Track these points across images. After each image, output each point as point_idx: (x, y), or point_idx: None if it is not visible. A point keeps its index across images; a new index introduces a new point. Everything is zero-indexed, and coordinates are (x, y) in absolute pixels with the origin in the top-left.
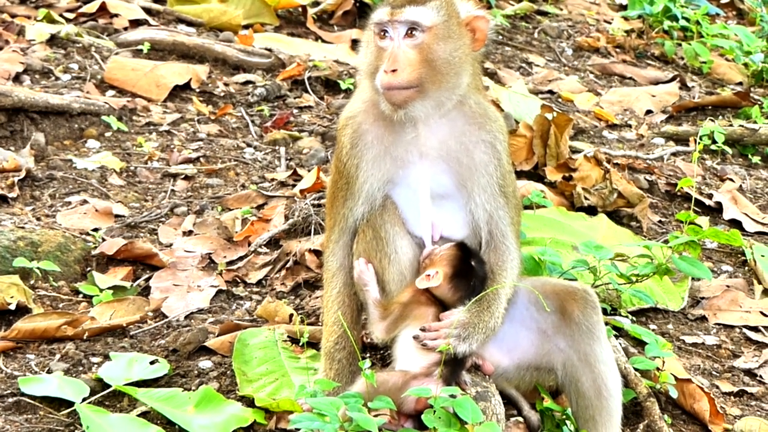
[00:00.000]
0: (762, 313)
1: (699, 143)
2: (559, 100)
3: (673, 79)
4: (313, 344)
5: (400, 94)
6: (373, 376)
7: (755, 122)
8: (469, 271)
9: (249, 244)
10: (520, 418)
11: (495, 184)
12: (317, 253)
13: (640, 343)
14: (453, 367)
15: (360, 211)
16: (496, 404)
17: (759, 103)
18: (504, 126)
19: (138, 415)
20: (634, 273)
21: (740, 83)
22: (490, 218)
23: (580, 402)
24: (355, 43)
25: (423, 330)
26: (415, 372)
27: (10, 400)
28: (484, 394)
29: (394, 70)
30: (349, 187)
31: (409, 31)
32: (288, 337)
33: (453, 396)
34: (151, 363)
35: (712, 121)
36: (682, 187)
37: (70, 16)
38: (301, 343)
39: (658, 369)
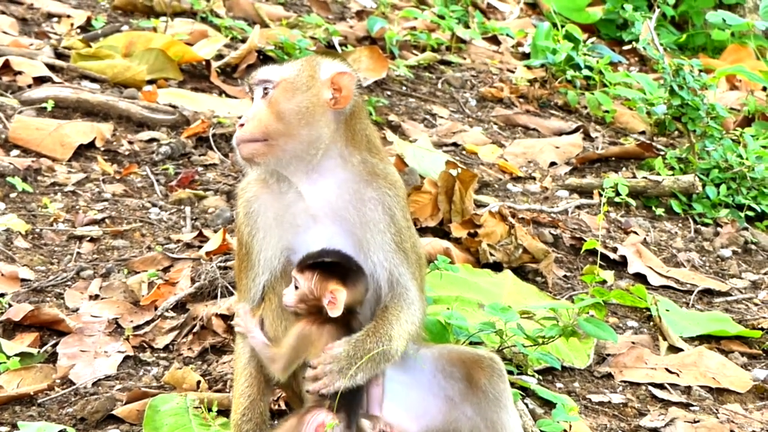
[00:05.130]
0: (667, 369)
1: (603, 198)
2: (464, 152)
3: (576, 130)
4: (225, 411)
5: (246, 147)
6: None
7: (658, 174)
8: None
9: (156, 308)
10: None
11: (390, 241)
12: (224, 318)
13: (547, 402)
14: (346, 399)
15: (261, 281)
16: None
17: (662, 153)
18: (396, 180)
19: None
20: (541, 335)
21: (643, 132)
22: (390, 275)
23: None
24: None
25: (309, 367)
26: (307, 407)
27: None
28: None
29: (242, 125)
30: (249, 256)
31: (265, 91)
32: (200, 403)
33: None
34: None
35: (616, 172)
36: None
37: None
38: (212, 414)
39: None
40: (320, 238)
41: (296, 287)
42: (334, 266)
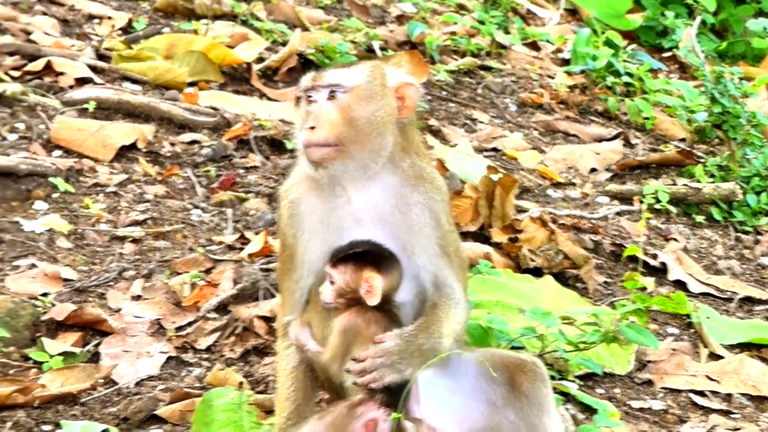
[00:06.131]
0: (708, 377)
1: (644, 205)
2: (504, 157)
3: (617, 137)
4: (268, 412)
5: (318, 151)
6: None
7: (699, 181)
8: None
9: (198, 310)
10: None
11: (435, 244)
12: (266, 320)
13: (588, 408)
14: (395, 394)
15: (306, 284)
16: None
17: (702, 161)
18: (441, 185)
19: None
20: (582, 341)
21: (683, 139)
22: (435, 278)
23: None
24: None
25: (354, 360)
26: (359, 397)
27: None
28: None
29: (312, 128)
30: (292, 259)
31: (333, 93)
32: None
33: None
34: None
35: (656, 179)
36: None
37: (16, 74)
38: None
39: None
40: None
41: (332, 283)
42: (365, 255)
